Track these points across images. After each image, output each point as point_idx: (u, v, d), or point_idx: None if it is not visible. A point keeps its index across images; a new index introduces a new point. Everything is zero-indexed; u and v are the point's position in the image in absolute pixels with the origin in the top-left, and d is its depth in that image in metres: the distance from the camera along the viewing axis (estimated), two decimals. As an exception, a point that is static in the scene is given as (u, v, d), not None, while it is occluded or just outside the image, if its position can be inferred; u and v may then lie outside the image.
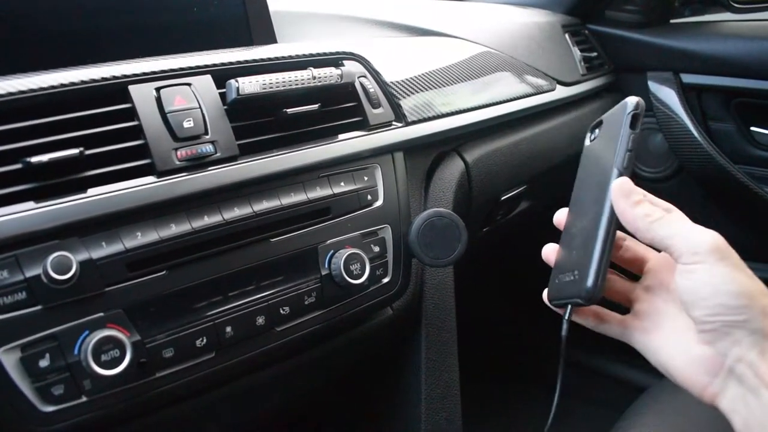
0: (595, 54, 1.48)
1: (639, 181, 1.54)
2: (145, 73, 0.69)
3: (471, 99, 1.02)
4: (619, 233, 0.58)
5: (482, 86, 1.07)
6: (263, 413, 0.84)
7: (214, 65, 0.73)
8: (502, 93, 1.10)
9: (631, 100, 0.57)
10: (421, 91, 0.94)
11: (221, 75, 0.73)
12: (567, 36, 1.41)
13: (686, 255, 0.50)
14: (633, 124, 0.57)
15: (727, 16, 1.54)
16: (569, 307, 0.59)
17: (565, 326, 0.60)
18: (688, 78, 1.46)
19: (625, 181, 0.55)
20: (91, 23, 0.75)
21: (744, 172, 1.40)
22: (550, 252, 0.63)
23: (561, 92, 1.27)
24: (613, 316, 0.60)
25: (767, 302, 0.48)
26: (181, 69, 0.71)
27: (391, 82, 0.89)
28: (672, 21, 1.57)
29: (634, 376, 1.63)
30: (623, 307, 0.61)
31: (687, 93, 1.46)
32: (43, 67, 0.68)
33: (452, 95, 0.99)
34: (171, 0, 0.80)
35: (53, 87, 0.64)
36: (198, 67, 0.72)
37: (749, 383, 0.48)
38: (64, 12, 0.73)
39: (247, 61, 0.76)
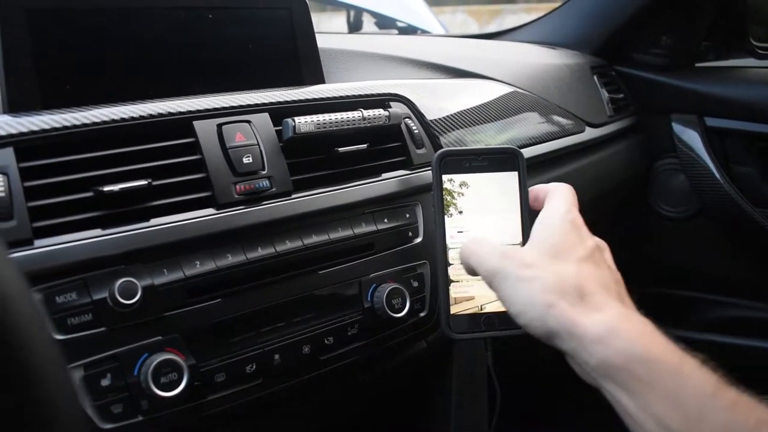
0: (621, 95, 1.51)
1: (660, 220, 1.57)
2: (208, 110, 0.73)
3: (502, 140, 1.06)
4: None
5: (513, 127, 1.11)
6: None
7: (272, 104, 0.77)
8: (533, 134, 1.13)
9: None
10: (457, 129, 0.98)
11: (278, 113, 0.76)
12: (595, 77, 1.45)
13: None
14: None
15: (750, 61, 1.58)
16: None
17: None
18: (711, 121, 1.49)
19: None
20: (153, 57, 0.78)
21: (764, 214, 1.42)
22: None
23: (589, 134, 1.30)
24: None
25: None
26: (242, 107, 0.75)
27: (432, 122, 0.93)
28: (697, 65, 1.61)
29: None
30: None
31: (710, 136, 1.49)
32: (109, 99, 0.72)
33: (483, 134, 1.03)
34: (226, 37, 0.84)
35: (124, 120, 0.67)
36: (257, 105, 0.76)
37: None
38: (128, 46, 0.77)
39: (302, 101, 0.80)
